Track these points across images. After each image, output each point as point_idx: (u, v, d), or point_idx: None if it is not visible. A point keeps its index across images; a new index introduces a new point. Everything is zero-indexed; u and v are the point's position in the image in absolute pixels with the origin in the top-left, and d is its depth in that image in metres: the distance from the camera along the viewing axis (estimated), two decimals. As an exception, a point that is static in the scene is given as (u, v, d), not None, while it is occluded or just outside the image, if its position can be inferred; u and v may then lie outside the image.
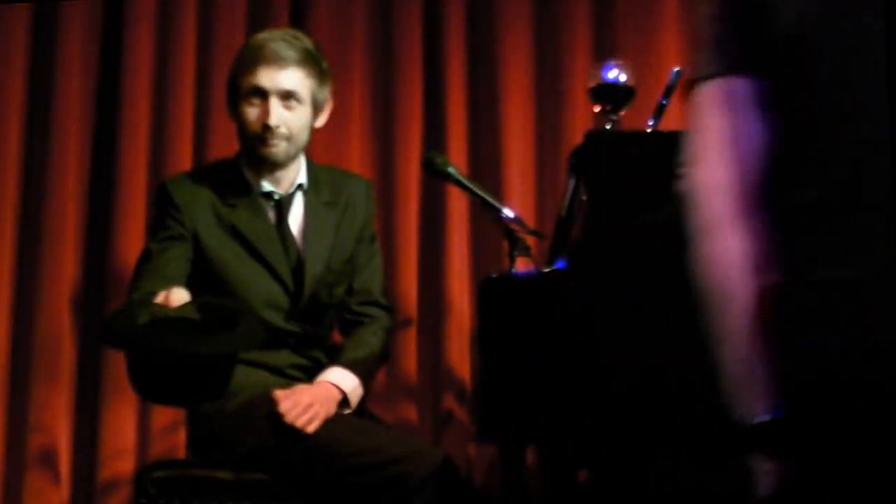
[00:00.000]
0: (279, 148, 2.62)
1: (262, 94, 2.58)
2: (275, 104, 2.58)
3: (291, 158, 2.68)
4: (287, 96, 2.59)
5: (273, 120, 2.58)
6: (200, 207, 2.64)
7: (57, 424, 3.41)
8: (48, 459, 3.39)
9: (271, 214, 2.70)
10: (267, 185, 2.69)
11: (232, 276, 2.60)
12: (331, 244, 2.74)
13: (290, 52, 2.58)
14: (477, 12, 3.73)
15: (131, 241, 3.50)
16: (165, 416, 3.43)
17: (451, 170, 2.69)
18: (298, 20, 3.69)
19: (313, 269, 2.68)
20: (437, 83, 3.65)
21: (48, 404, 3.41)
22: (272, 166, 2.67)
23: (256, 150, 2.63)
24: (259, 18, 3.69)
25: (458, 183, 2.71)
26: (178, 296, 2.25)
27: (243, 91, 2.59)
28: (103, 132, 3.61)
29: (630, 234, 1.95)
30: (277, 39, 2.60)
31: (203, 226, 2.62)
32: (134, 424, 3.44)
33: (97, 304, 3.51)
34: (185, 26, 3.63)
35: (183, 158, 3.56)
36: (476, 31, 3.72)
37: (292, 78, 2.59)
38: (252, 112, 2.59)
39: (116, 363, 3.43)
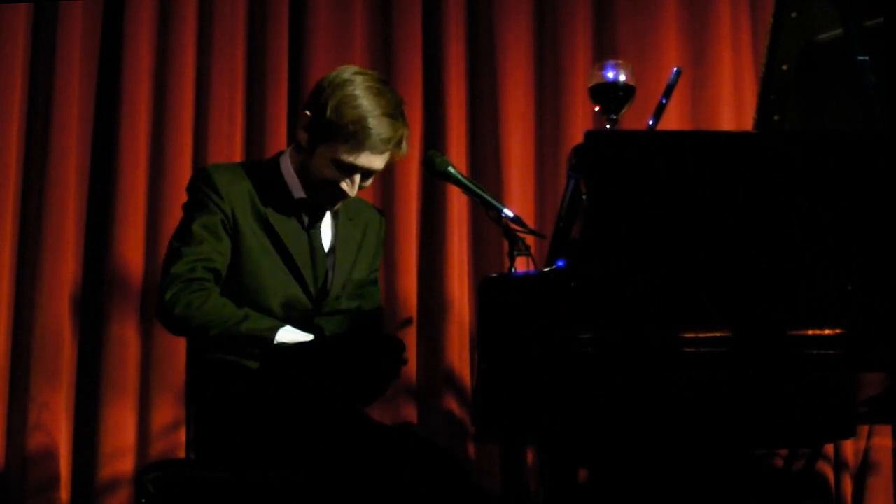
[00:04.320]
0: (336, 205, 2.68)
1: (352, 171, 2.60)
2: (358, 178, 2.61)
3: None
4: (371, 172, 2.63)
5: (352, 193, 2.63)
6: (240, 196, 2.62)
7: (57, 424, 3.41)
8: (48, 459, 3.39)
9: (304, 219, 2.70)
10: (302, 193, 2.69)
11: (258, 271, 2.60)
12: (354, 258, 2.76)
13: (394, 136, 2.58)
14: (477, 12, 3.73)
15: (131, 241, 3.50)
16: (165, 416, 3.43)
17: (451, 170, 2.69)
18: (298, 20, 3.69)
19: (340, 277, 2.70)
20: (437, 83, 3.65)
21: (48, 404, 3.41)
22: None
23: (318, 196, 2.65)
24: (259, 18, 3.69)
25: (458, 183, 2.71)
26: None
27: (335, 158, 2.57)
28: (103, 132, 3.61)
29: (630, 234, 1.95)
30: (394, 116, 2.57)
31: (241, 215, 2.60)
32: (134, 424, 3.44)
33: (97, 304, 3.51)
34: (185, 26, 3.63)
35: (183, 158, 3.56)
36: (476, 32, 3.73)
37: (384, 161, 2.62)
38: (336, 175, 2.59)
39: (116, 363, 3.44)
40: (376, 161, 2.59)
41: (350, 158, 2.56)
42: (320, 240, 2.70)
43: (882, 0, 2.25)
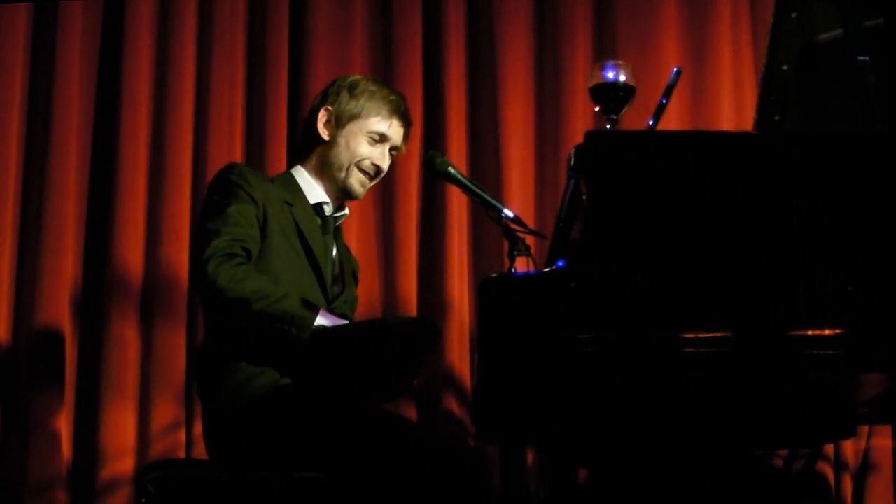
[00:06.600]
0: (367, 187, 2.81)
1: (383, 140, 2.77)
2: (386, 151, 2.79)
3: None
4: (395, 147, 2.80)
5: (385, 164, 2.79)
6: (268, 192, 2.67)
7: (57, 424, 3.41)
8: (48, 459, 3.39)
9: (319, 223, 2.74)
10: (320, 198, 2.76)
11: (281, 264, 2.62)
12: (352, 272, 2.86)
13: (408, 115, 2.83)
14: (477, 12, 3.73)
15: (131, 241, 3.50)
16: (165, 416, 3.43)
17: (451, 170, 2.71)
18: (298, 19, 3.69)
19: (347, 279, 2.78)
20: (437, 83, 3.65)
21: (48, 404, 3.41)
22: (343, 195, 2.80)
23: (349, 180, 2.76)
24: (259, 18, 3.70)
25: (458, 183, 2.72)
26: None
27: (369, 130, 2.75)
28: (103, 132, 3.61)
29: (630, 234, 1.95)
30: (402, 99, 2.83)
31: (271, 209, 2.65)
32: (134, 424, 3.44)
33: (97, 304, 3.51)
34: (185, 26, 3.63)
35: (183, 158, 3.57)
36: (476, 32, 3.73)
37: (404, 135, 2.83)
38: (369, 150, 2.76)
39: (116, 363, 3.44)
40: (401, 133, 2.80)
41: (383, 127, 2.76)
42: (332, 245, 2.76)
43: (882, 0, 2.25)
